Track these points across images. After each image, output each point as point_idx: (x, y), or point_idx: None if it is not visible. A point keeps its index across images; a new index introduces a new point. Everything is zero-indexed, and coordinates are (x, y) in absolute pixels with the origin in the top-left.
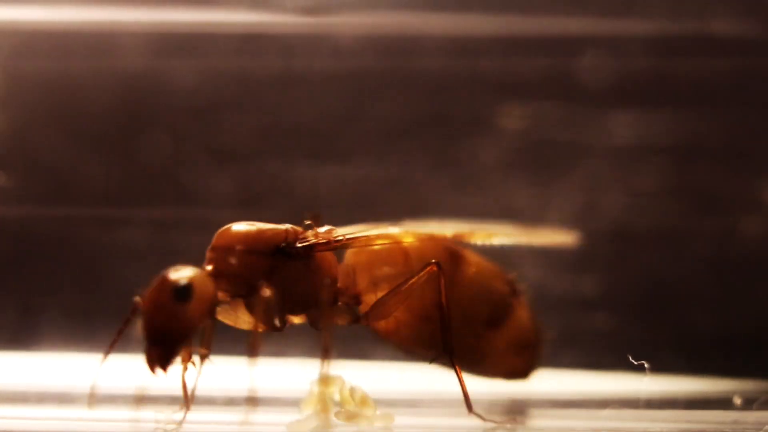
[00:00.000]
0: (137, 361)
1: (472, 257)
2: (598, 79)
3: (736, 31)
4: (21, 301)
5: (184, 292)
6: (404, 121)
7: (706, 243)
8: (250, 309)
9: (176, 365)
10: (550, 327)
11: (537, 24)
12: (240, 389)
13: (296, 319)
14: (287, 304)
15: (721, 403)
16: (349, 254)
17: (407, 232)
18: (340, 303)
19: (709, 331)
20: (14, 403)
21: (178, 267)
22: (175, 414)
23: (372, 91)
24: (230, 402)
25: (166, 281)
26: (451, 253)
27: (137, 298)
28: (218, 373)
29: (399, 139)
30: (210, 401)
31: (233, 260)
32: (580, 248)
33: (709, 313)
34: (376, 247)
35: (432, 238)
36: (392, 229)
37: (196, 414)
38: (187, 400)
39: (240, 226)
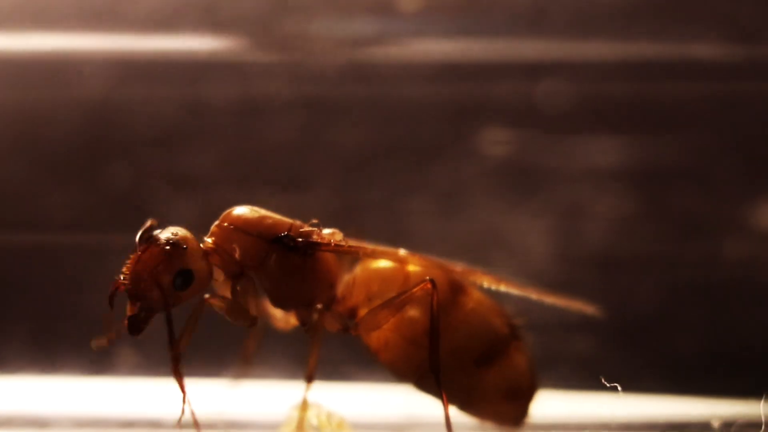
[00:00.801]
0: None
1: (475, 293)
2: (577, 105)
3: (715, 55)
4: None
5: (184, 277)
6: (371, 147)
7: (685, 266)
8: (234, 292)
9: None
10: (546, 379)
11: (510, 48)
12: (217, 412)
13: (291, 319)
14: (277, 296)
15: (700, 426)
16: (357, 268)
17: (413, 256)
18: (334, 309)
19: (689, 353)
20: None
21: (177, 229)
22: None
23: (339, 118)
24: (211, 426)
25: (170, 259)
26: (453, 284)
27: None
28: (195, 395)
29: (365, 166)
30: (190, 425)
31: (234, 237)
32: (560, 272)
33: (689, 336)
34: (380, 265)
35: (437, 266)
36: (401, 251)
37: None
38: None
39: (245, 209)
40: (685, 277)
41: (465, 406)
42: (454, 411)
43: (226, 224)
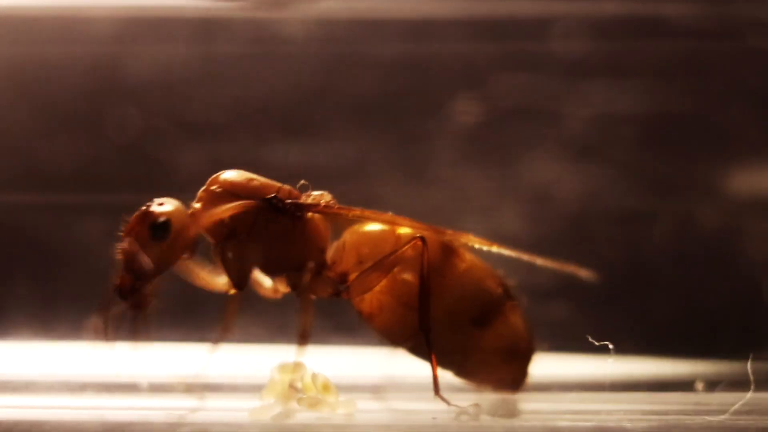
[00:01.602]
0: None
1: (467, 255)
2: (553, 64)
3: (693, 14)
4: None
5: (161, 228)
6: (359, 105)
7: (664, 227)
8: (222, 255)
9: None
10: (545, 338)
11: (489, 7)
12: (200, 375)
13: (280, 287)
14: (267, 260)
15: (684, 385)
16: (346, 233)
17: (404, 219)
18: (324, 274)
19: (670, 314)
20: None
21: (164, 199)
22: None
23: (327, 76)
24: (190, 388)
25: (147, 215)
26: (445, 246)
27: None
28: (179, 359)
29: (352, 124)
30: (170, 388)
31: (222, 200)
32: (537, 234)
33: (670, 297)
34: (370, 228)
35: (429, 229)
36: (389, 214)
37: (159, 401)
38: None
39: (233, 173)
40: (663, 237)
41: (462, 370)
42: (449, 376)
43: (213, 188)
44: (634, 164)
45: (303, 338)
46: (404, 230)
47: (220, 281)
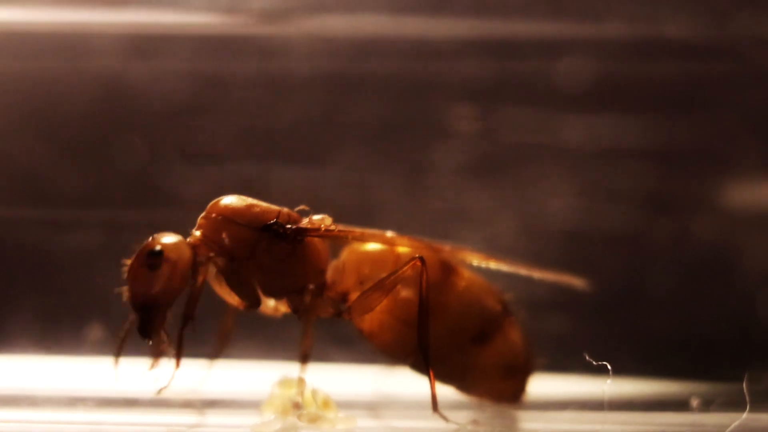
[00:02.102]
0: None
1: (466, 272)
2: (553, 83)
3: (692, 35)
4: None
5: (155, 258)
6: (361, 124)
7: (661, 245)
8: (228, 280)
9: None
10: (543, 354)
11: (494, 27)
12: (200, 391)
13: (281, 307)
14: (268, 284)
15: (679, 405)
16: (344, 252)
17: (402, 238)
18: (325, 295)
19: (665, 333)
20: None
21: (162, 233)
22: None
23: (330, 95)
24: (189, 405)
25: (142, 248)
26: (444, 265)
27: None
28: (181, 375)
29: (355, 143)
30: (167, 404)
31: (221, 227)
32: (534, 251)
33: (665, 316)
34: (369, 247)
35: (427, 247)
36: (389, 233)
37: (159, 417)
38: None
39: (232, 198)
40: (660, 255)
41: (463, 386)
42: (450, 392)
43: (213, 215)
44: (630, 180)
45: (304, 359)
46: (403, 249)
47: (234, 298)
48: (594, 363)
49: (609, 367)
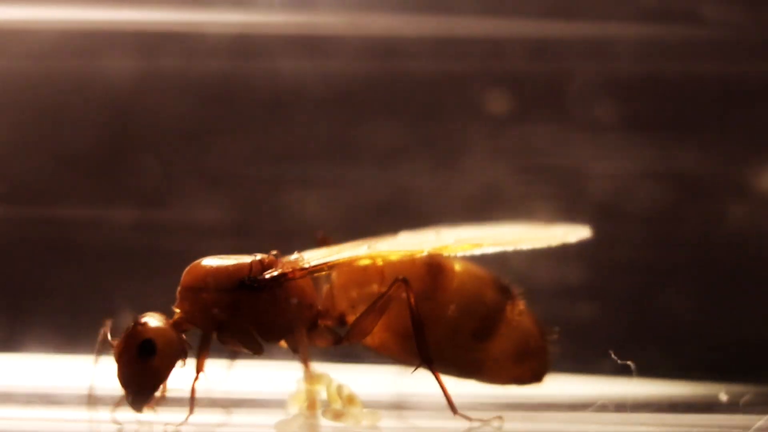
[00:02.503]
0: None
1: (456, 267)
2: (584, 62)
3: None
4: (8, 303)
5: (147, 351)
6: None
7: (689, 230)
8: (223, 343)
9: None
10: (553, 329)
11: (519, 25)
12: (225, 390)
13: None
14: (261, 333)
15: (707, 406)
16: (333, 276)
17: (379, 251)
18: (321, 325)
19: (695, 327)
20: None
21: (147, 315)
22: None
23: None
24: (214, 403)
25: (131, 336)
26: (430, 268)
27: (105, 329)
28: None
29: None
30: (195, 403)
31: (199, 299)
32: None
33: (695, 310)
34: (353, 270)
35: (406, 255)
36: (363, 250)
37: (181, 416)
38: (192, 404)
39: (203, 264)
40: (692, 242)
41: (481, 378)
42: (474, 386)
43: (186, 289)
44: (661, 160)
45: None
46: (388, 263)
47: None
48: (618, 361)
49: (632, 366)
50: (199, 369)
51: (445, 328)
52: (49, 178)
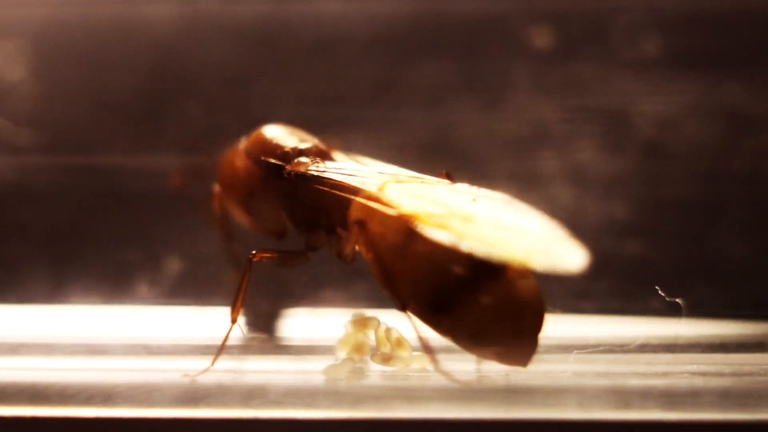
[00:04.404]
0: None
1: (433, 235)
2: None
3: None
4: (52, 253)
5: None
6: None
7: (742, 168)
8: (252, 217)
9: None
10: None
11: None
12: (275, 337)
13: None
14: (290, 217)
15: (757, 345)
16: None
17: (365, 196)
18: (339, 233)
19: (745, 264)
20: (45, 355)
21: None
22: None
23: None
24: (263, 350)
25: None
26: (410, 226)
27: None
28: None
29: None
30: (243, 350)
31: (245, 160)
32: (611, 171)
33: (745, 247)
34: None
35: (386, 207)
36: (372, 184)
37: (231, 363)
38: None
39: (262, 129)
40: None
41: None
42: None
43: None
44: (712, 94)
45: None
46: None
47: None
48: (667, 299)
49: (681, 303)
50: (234, 316)
51: (407, 289)
52: (91, 126)
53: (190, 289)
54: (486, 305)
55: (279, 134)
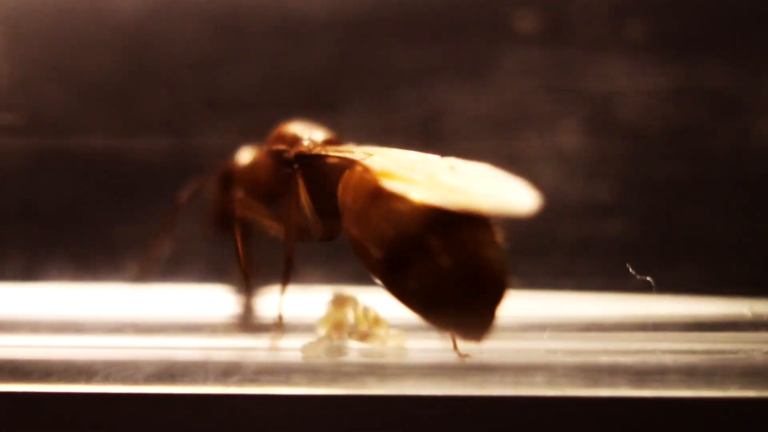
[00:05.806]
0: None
1: (393, 195)
2: None
3: None
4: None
5: None
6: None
7: (721, 148)
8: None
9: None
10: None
11: None
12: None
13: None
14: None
15: (731, 323)
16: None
17: (360, 163)
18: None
19: (723, 243)
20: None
21: None
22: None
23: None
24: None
25: None
26: (377, 188)
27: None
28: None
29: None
30: (222, 329)
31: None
32: (597, 151)
33: (723, 226)
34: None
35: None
36: (360, 153)
37: (211, 341)
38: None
39: (287, 123)
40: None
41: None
42: None
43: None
44: (695, 76)
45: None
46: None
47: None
48: (637, 277)
49: (652, 282)
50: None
51: (372, 246)
52: (66, 108)
53: (168, 267)
54: (442, 265)
55: (293, 127)
